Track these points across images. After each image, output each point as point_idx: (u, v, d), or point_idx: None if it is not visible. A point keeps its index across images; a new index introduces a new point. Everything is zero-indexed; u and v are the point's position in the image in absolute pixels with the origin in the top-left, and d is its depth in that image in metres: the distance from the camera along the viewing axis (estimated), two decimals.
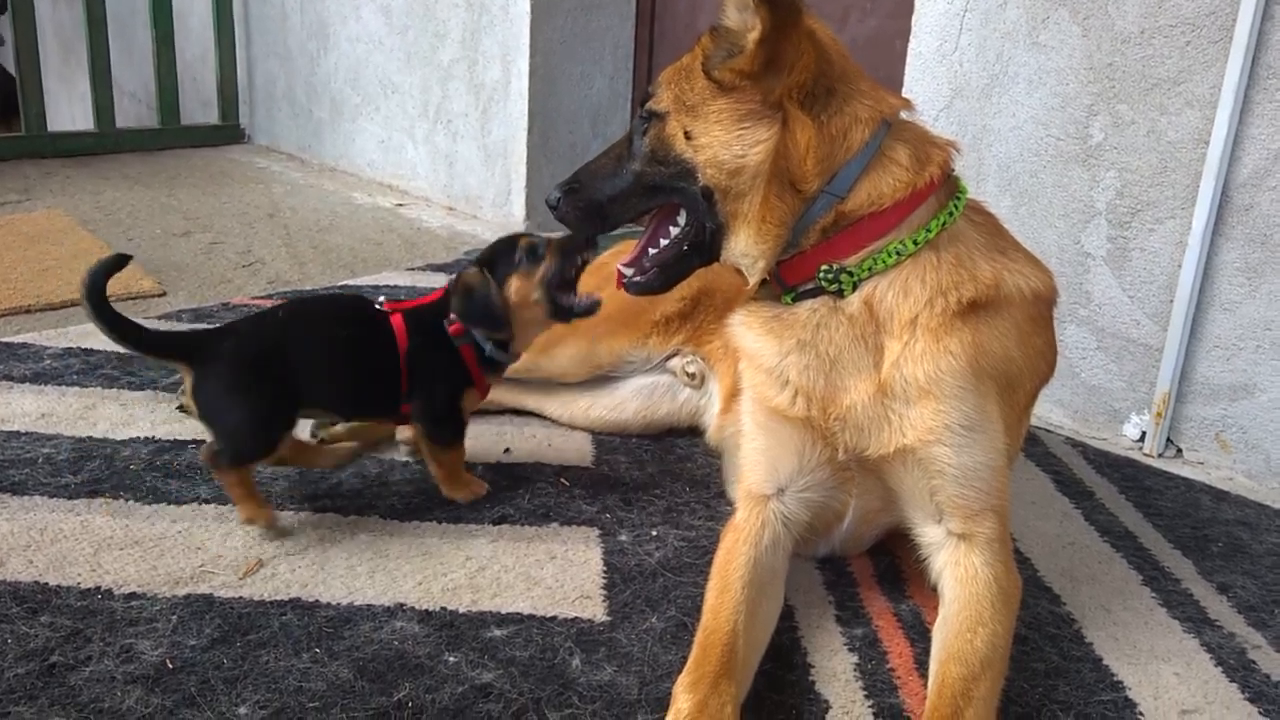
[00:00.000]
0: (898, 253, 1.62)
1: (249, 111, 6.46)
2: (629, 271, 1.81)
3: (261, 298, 3.44)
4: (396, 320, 2.07)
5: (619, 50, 4.72)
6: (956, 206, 1.68)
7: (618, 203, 1.76)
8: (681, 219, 1.74)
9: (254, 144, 6.44)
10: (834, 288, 1.64)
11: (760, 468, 1.80)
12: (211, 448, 1.94)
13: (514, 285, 2.05)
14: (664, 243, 1.77)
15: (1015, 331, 1.70)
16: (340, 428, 2.36)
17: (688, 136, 1.65)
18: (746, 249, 1.67)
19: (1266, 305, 2.40)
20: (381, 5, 5.20)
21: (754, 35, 1.57)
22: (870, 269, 1.63)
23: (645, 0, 4.64)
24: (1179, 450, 2.61)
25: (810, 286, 1.67)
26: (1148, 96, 2.54)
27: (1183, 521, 2.26)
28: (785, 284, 1.69)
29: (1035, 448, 2.60)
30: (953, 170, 1.72)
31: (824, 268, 1.63)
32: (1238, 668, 1.76)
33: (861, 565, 2.01)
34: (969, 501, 1.67)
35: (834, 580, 1.95)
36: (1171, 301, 2.53)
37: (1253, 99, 2.36)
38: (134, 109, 7.30)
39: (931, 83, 2.94)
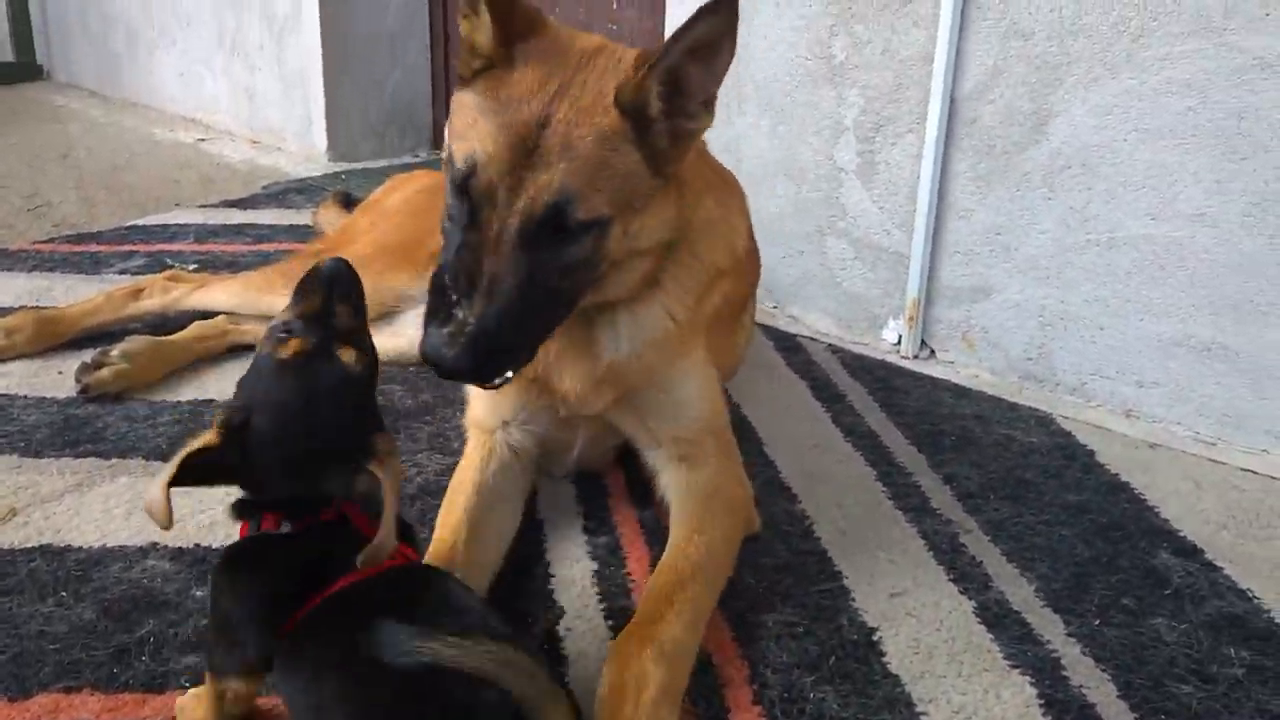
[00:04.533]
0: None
1: (46, 47, 6.13)
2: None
3: (44, 242, 3.34)
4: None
5: None
6: None
7: (546, 331, 1.56)
8: None
9: (54, 81, 6.13)
10: None
11: (482, 402, 1.88)
12: None
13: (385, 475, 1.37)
14: None
15: (730, 284, 1.87)
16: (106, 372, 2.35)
17: (624, 235, 1.52)
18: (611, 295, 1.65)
19: (995, 212, 2.56)
20: None
21: (705, 126, 1.56)
22: None
23: None
24: (932, 351, 2.77)
25: None
26: (880, 16, 2.66)
27: (923, 419, 2.39)
28: None
29: (797, 356, 2.74)
30: None
31: None
32: (948, 551, 1.87)
33: (616, 478, 2.09)
34: (684, 431, 1.79)
35: (587, 494, 2.04)
36: (914, 211, 2.68)
37: (970, 17, 2.49)
38: None
39: (692, 5, 2.99)
